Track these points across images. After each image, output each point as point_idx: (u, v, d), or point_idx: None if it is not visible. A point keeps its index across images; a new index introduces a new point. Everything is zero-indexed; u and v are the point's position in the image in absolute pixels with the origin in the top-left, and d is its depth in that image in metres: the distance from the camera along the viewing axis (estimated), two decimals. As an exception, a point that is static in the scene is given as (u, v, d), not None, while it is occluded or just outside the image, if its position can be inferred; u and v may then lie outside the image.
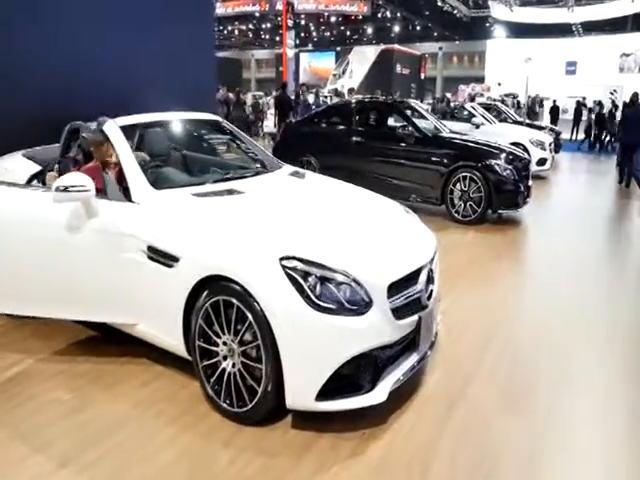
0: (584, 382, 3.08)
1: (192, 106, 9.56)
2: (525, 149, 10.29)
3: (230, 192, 3.00)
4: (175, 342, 2.76)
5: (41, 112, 4.30)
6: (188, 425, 2.58)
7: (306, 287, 2.31)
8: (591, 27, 32.44)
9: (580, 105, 17.69)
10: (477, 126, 10.64)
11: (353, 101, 8.70)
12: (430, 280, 2.80)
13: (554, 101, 23.23)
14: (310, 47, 49.17)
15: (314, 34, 47.90)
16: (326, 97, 19.72)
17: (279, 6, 30.78)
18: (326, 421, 2.51)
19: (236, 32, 48.76)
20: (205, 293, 2.54)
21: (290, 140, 8.20)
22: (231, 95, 15.57)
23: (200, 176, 3.47)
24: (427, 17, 38.58)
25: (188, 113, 3.89)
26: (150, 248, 2.74)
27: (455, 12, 36.17)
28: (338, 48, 44.11)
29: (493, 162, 6.48)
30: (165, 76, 9.54)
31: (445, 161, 6.70)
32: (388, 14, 37.56)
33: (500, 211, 6.59)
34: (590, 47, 32.95)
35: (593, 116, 16.91)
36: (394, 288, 2.48)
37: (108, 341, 3.32)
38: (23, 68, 4.56)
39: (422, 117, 8.06)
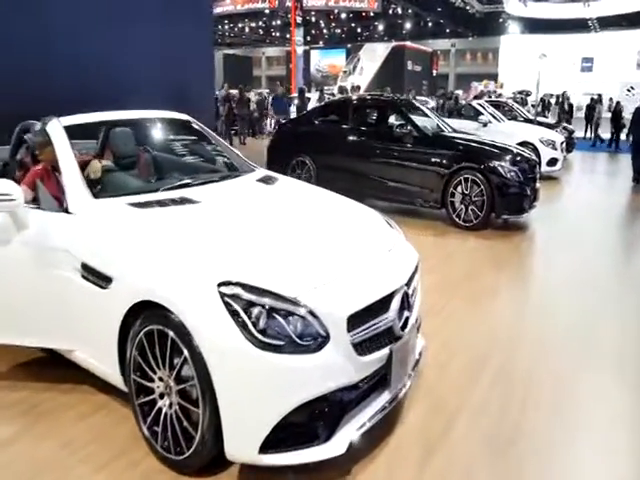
0: (588, 435, 2.57)
1: (187, 104, 9.30)
2: (535, 149, 9.83)
3: (180, 201, 2.63)
4: (111, 372, 2.41)
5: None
6: (119, 473, 2.22)
7: (247, 319, 1.93)
8: (608, 22, 31.60)
9: (594, 102, 17.07)
10: (484, 124, 10.18)
11: (350, 98, 8.30)
12: (406, 306, 2.40)
13: (568, 98, 22.63)
14: (321, 44, 48.84)
15: (325, 31, 47.47)
16: (332, 95, 19.34)
17: (289, 3, 30.37)
18: (278, 473, 2.14)
19: (247, 29, 48.54)
20: (139, 321, 2.18)
21: (284, 139, 7.83)
22: (233, 92, 15.21)
23: (154, 182, 3.10)
24: (439, 13, 37.94)
25: (154, 112, 3.53)
26: (84, 266, 2.38)
27: (468, 8, 35.53)
28: (349, 45, 43.72)
29: (496, 163, 6.04)
30: (158, 74, 9.26)
31: (445, 162, 6.27)
32: (399, 10, 36.94)
33: (504, 216, 6.14)
34: (607, 43, 32.16)
35: (609, 114, 16.32)
36: (357, 318, 2.10)
37: (56, 363, 2.97)
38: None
39: (424, 115, 7.65)
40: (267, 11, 37.84)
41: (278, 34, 48.73)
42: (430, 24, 41.79)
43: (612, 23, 31.62)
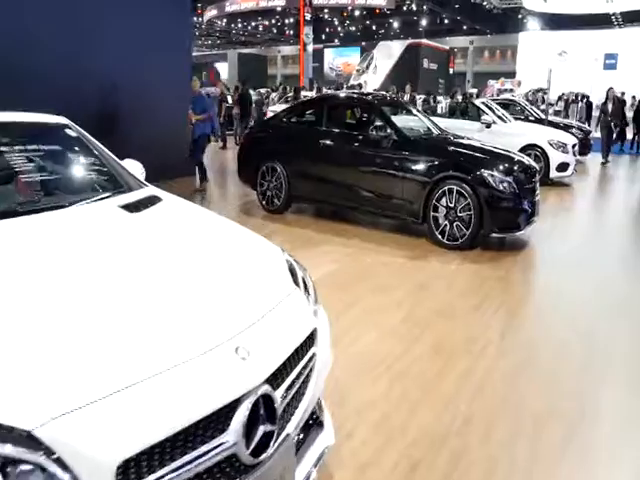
0: None
1: (163, 103, 8.55)
2: (543, 152, 8.88)
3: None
4: None
5: None
6: None
7: None
8: (633, 17, 30.11)
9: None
10: (487, 125, 9.24)
11: (324, 97, 7.45)
12: (265, 417, 1.53)
13: (587, 97, 21.40)
14: (337, 43, 48.04)
15: (339, 29, 46.65)
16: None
17: (299, -1, 29.59)
18: None
19: (260, 28, 48.02)
20: None
21: (254, 143, 7.01)
22: (224, 91, 14.42)
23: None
24: (455, 10, 36.80)
25: (16, 114, 2.73)
26: None
27: (485, 4, 34.30)
28: (363, 43, 42.89)
29: (486, 173, 5.13)
30: (132, 73, 8.58)
31: (427, 170, 5.38)
32: (414, 7, 35.88)
33: (495, 234, 5.22)
34: (632, 39, 30.70)
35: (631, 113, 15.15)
36: (150, 457, 1.26)
37: None
38: None
39: (412, 116, 6.78)
40: (279, 9, 37.21)
41: (292, 32, 48.13)
42: (446, 21, 40.64)
43: (637, 18, 30.10)
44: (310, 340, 1.87)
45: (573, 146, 9.23)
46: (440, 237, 5.35)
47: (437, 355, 3.19)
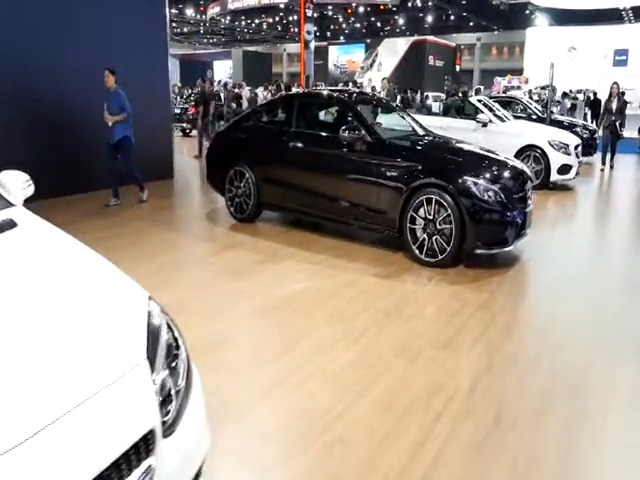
0: None
1: (137, 102, 7.96)
2: (543, 153, 8.22)
3: None
4: None
5: None
6: None
7: None
8: (644, 12, 29.21)
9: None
10: (483, 124, 8.60)
11: (295, 94, 6.85)
12: None
13: (595, 94, 20.62)
14: (342, 40, 47.37)
15: (344, 26, 46.00)
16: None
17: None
18: None
19: (264, 25, 47.49)
20: None
21: (223, 146, 6.42)
22: (208, 87, 13.74)
23: None
24: (462, 6, 36.00)
25: None
26: None
27: (492, -1, 33.48)
28: (368, 40, 42.24)
29: (468, 180, 4.50)
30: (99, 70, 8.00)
31: (403, 176, 4.76)
32: (418, 3, 35.15)
33: (479, 250, 4.58)
34: (642, 35, 29.77)
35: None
36: None
37: None
38: None
39: (395, 115, 6.17)
40: (282, 5, 36.64)
41: (297, 30, 47.63)
42: (453, 17, 39.85)
43: (648, 13, 29.21)
44: (145, 446, 1.28)
45: (576, 147, 8.55)
46: (418, 252, 4.73)
47: (387, 413, 2.58)
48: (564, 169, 8.29)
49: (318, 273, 4.56)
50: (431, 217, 4.61)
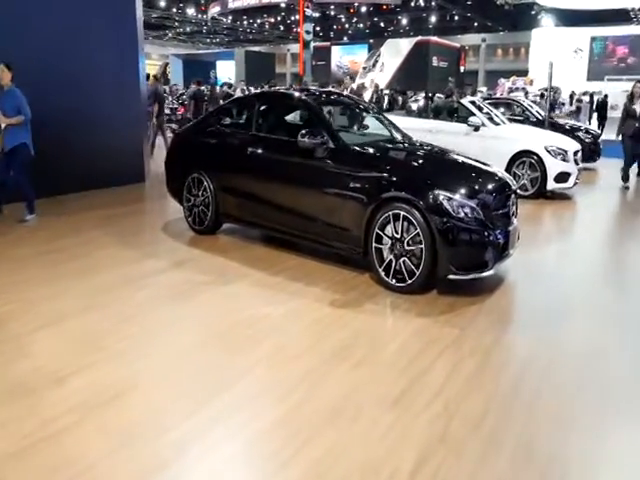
0: None
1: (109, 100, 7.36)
2: (539, 160, 7.58)
3: None
4: None
5: None
6: None
7: None
8: (653, 13, 28.44)
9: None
10: (475, 128, 7.98)
11: (256, 95, 6.25)
12: None
13: (606, 96, 19.85)
14: (345, 40, 46.82)
15: (347, 26, 45.47)
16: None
17: (303, -6, 28.47)
18: None
19: (267, 25, 47.05)
20: None
21: (181, 150, 5.83)
22: (201, 88, 13.37)
23: None
24: (467, 6, 35.34)
25: None
26: None
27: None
28: (371, 41, 41.70)
29: (440, 194, 3.87)
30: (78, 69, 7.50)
31: (368, 188, 4.15)
32: (421, 3, 34.52)
33: (453, 276, 3.94)
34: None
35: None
36: None
37: None
38: None
39: (369, 117, 5.57)
40: (283, 5, 36.15)
41: (299, 30, 47.19)
42: (457, 18, 39.19)
43: (658, 13, 28.45)
44: None
45: (575, 153, 7.89)
46: (384, 275, 4.11)
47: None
48: (562, 177, 7.63)
49: (268, 299, 3.96)
50: (399, 236, 3.99)
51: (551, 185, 7.64)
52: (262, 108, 5.11)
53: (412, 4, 34.89)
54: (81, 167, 7.39)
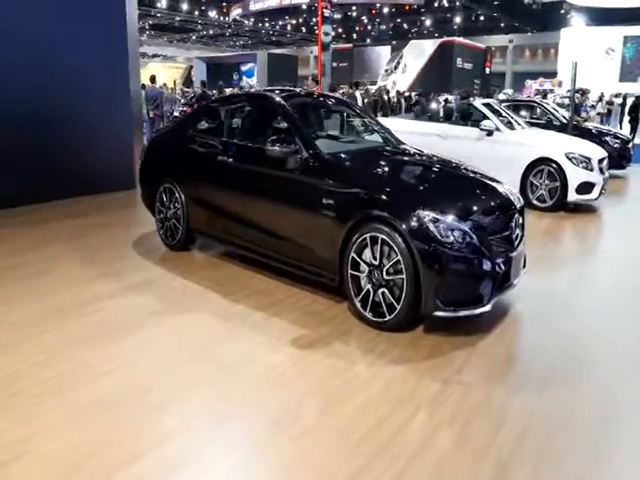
0: None
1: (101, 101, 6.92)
2: (559, 168, 6.84)
3: None
4: None
5: None
6: None
7: None
8: (690, 10, 26.96)
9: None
10: (488, 133, 7.26)
11: (228, 97, 5.67)
12: None
13: (637, 97, 18.75)
14: (368, 42, 46.19)
15: (369, 28, 44.80)
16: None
17: (323, -5, 27.94)
18: None
19: (289, 27, 46.79)
20: None
21: (153, 158, 5.29)
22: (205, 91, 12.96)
23: None
24: (493, 6, 34.31)
25: None
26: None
27: (523, -2, 31.75)
28: (394, 42, 40.99)
29: (425, 215, 3.21)
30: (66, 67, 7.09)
31: (343, 206, 3.52)
32: (445, 3, 33.66)
33: (440, 313, 3.27)
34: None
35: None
36: None
37: None
38: None
39: (361, 122, 4.95)
40: (304, 7, 35.71)
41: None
42: (482, 18, 38.13)
43: (696, 11, 26.97)
44: None
45: (601, 161, 7.10)
46: (361, 307, 3.48)
47: None
48: (585, 187, 6.85)
49: (220, 334, 3.37)
50: (377, 262, 3.36)
51: (572, 196, 6.87)
52: (233, 111, 4.54)
53: (436, 5, 34.01)
54: (66, 173, 7.00)
